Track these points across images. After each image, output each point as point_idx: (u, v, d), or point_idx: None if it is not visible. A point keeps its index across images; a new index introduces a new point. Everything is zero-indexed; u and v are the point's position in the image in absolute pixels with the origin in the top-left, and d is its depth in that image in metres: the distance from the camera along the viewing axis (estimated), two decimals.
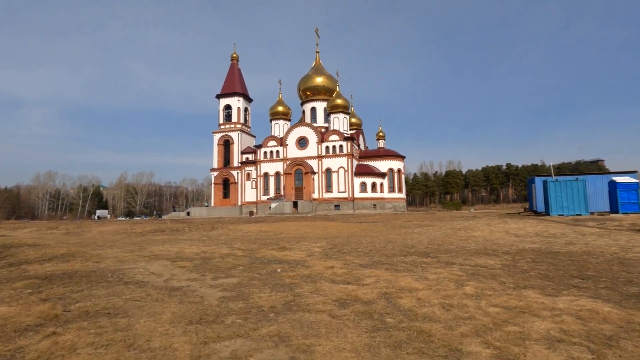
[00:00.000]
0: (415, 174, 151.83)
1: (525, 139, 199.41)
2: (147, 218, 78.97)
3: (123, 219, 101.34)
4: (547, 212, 23.66)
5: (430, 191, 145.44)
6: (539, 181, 26.67)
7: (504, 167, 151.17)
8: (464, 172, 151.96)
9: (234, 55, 72.13)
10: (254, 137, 70.47)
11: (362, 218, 32.30)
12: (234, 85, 68.37)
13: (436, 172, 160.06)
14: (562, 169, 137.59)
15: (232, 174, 64.93)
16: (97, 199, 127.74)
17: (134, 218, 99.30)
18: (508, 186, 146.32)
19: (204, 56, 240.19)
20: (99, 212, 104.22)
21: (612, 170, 27.50)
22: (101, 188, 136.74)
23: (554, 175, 26.54)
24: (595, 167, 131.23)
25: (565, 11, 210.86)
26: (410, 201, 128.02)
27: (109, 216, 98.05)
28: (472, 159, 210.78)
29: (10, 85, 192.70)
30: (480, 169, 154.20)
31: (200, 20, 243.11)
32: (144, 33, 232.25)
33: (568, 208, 22.29)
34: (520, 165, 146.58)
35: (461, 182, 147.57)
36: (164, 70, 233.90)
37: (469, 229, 15.86)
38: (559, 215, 22.48)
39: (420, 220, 26.58)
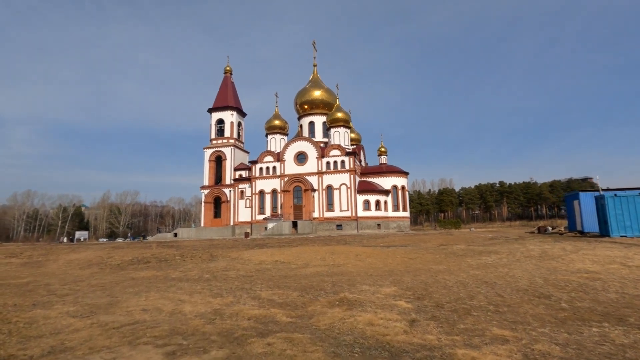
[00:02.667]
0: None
1: (511, 158, 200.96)
2: (135, 240, 72.97)
3: (104, 240, 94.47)
4: (603, 233, 20.28)
5: (425, 209, 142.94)
6: (585, 197, 23.41)
7: (497, 185, 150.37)
8: (457, 190, 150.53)
9: (227, 68, 69.01)
10: (248, 153, 66.48)
11: (378, 240, 28.32)
12: (227, 99, 64.84)
13: (429, 190, 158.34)
14: (555, 187, 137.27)
15: (224, 191, 60.36)
16: (78, 219, 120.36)
17: (117, 240, 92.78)
18: (502, 204, 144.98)
19: (194, 75, 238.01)
20: (78, 234, 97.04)
21: (604, 187, 24.70)
22: (83, 208, 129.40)
23: (601, 190, 23.36)
24: (587, 185, 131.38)
25: (545, 34, 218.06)
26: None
27: (81, 239, 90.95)
28: (461, 177, 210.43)
29: None
30: (473, 187, 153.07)
31: (190, 40, 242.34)
32: (133, 53, 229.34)
33: (632, 228, 18.95)
34: (512, 183, 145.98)
35: (455, 200, 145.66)
36: (151, 89, 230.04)
37: (556, 258, 12.11)
38: (621, 236, 19.11)
39: (452, 243, 22.81)
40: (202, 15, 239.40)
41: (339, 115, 56.82)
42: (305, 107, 63.34)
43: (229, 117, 62.78)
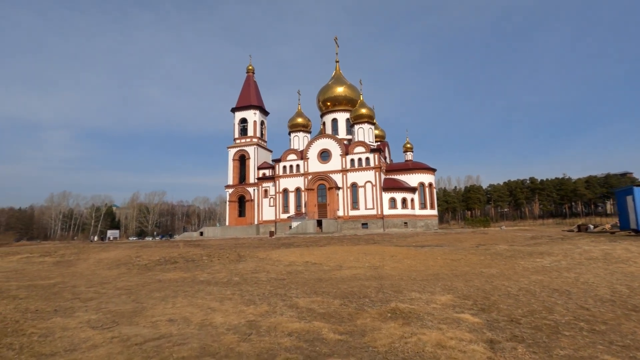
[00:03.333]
0: None
1: (541, 154, 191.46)
2: (163, 238, 74.50)
3: (134, 239, 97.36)
4: None
5: (452, 207, 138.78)
6: None
7: (528, 182, 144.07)
8: (484, 187, 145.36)
9: (250, 67, 69.09)
10: (271, 151, 66.36)
11: (409, 239, 27.04)
12: (250, 98, 64.90)
13: (455, 187, 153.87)
14: (592, 183, 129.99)
15: (248, 190, 60.48)
16: (110, 218, 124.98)
17: (146, 239, 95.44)
18: (534, 201, 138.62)
19: (216, 77, 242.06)
20: (109, 233, 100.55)
21: None
22: (114, 208, 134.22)
23: None
24: (627, 180, 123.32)
25: (576, 23, 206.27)
26: None
27: (111, 237, 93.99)
28: (489, 174, 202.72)
29: (29, 110, 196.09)
30: (502, 183, 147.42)
31: (211, 43, 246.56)
32: (157, 58, 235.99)
33: None
34: (544, 179, 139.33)
35: (483, 198, 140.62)
36: (175, 92, 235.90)
37: (625, 260, 10.63)
38: None
39: (490, 242, 21.28)
40: (222, 18, 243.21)
41: (363, 111, 55.51)
42: (328, 104, 62.42)
43: (252, 116, 62.81)
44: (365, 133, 54.94)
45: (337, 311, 5.86)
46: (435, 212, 55.99)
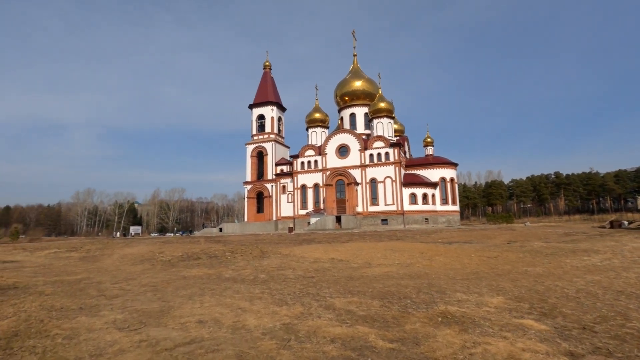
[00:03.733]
0: None
1: (565, 147, 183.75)
2: (184, 234, 75.75)
3: (155, 235, 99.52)
4: None
5: (472, 203, 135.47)
6: None
7: (553, 176, 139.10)
8: (506, 183, 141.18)
9: (267, 63, 68.90)
10: (288, 148, 66.18)
11: (432, 235, 26.17)
12: (267, 94, 64.77)
13: (475, 182, 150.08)
14: (621, 177, 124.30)
15: (266, 187, 60.53)
16: (132, 215, 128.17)
17: (167, 235, 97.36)
18: (559, 197, 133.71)
19: (233, 75, 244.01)
20: (132, 229, 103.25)
21: None
22: (136, 204, 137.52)
23: None
24: None
25: (600, 11, 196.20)
26: None
27: (132, 233, 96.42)
28: (510, 169, 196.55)
29: (55, 111, 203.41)
30: (525, 178, 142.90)
31: (227, 42, 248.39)
32: (175, 57, 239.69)
33: None
34: (570, 174, 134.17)
35: (505, 193, 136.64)
36: (193, 91, 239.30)
37: None
38: None
39: (521, 239, 20.23)
40: (237, 16, 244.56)
41: (382, 105, 54.42)
42: (346, 98, 61.57)
43: (270, 112, 62.67)
44: (384, 127, 53.88)
45: (379, 314, 5.32)
46: (457, 207, 54.49)
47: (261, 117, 63.27)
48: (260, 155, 62.20)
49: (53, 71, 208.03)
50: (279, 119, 64.86)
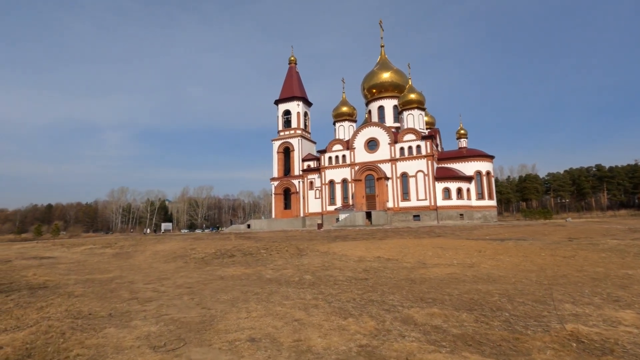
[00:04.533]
0: None
1: (605, 139, 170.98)
2: (213, 231, 76.64)
3: (185, 231, 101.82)
4: None
5: (505, 198, 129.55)
6: None
7: (594, 169, 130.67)
8: (541, 177, 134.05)
9: (292, 58, 68.06)
10: (315, 143, 65.17)
11: (476, 232, 24.29)
12: (293, 89, 63.94)
13: (508, 176, 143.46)
14: None
15: (293, 183, 59.87)
16: (163, 212, 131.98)
17: (196, 231, 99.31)
18: (601, 191, 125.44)
19: (257, 74, 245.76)
20: (163, 226, 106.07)
21: None
22: (166, 202, 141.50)
23: None
24: None
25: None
26: None
27: (162, 230, 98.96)
28: (545, 162, 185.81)
29: (90, 113, 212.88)
30: (562, 172, 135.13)
31: (251, 40, 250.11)
32: (200, 57, 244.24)
33: None
34: (614, 166, 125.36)
35: (541, 188, 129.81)
36: (219, 90, 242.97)
37: None
38: None
39: (581, 236, 18.13)
40: (260, 14, 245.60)
41: (412, 96, 52.16)
42: (374, 91, 59.67)
43: (295, 107, 61.81)
44: (415, 119, 51.65)
45: (479, 332, 4.06)
46: (493, 202, 51.56)
47: (287, 113, 62.56)
48: (286, 151, 61.56)
49: (89, 75, 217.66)
50: (305, 114, 63.90)
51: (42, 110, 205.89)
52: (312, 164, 58.06)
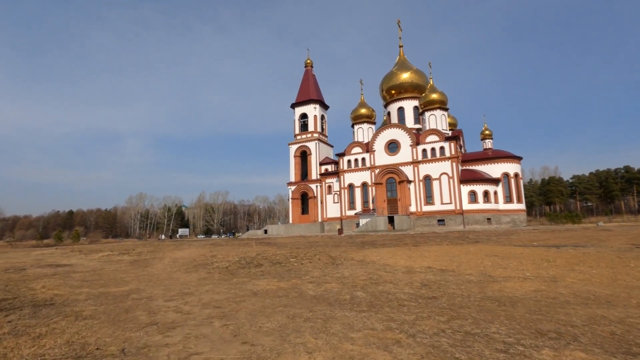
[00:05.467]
0: None
1: (632, 140, 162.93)
2: (231, 236, 75.98)
3: (202, 237, 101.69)
4: None
5: (529, 202, 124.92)
6: None
7: (622, 171, 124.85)
8: (565, 179, 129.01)
9: (308, 61, 67.19)
10: (332, 146, 63.84)
11: (513, 237, 22.30)
12: (310, 92, 62.93)
13: (530, 179, 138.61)
14: None
15: (310, 187, 58.54)
16: (180, 217, 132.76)
17: (212, 237, 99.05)
18: (630, 194, 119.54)
19: (272, 80, 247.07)
20: (180, 231, 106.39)
21: None
22: (183, 208, 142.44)
23: None
24: None
25: None
26: None
27: (178, 235, 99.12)
28: (568, 164, 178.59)
29: (111, 121, 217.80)
30: (587, 174, 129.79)
31: (267, 46, 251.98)
32: (217, 65, 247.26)
33: None
34: None
35: (566, 191, 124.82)
36: (234, 96, 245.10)
37: None
38: None
39: None
40: (275, 21, 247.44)
41: (434, 96, 50.25)
42: (393, 92, 58.01)
43: (312, 110, 60.70)
44: (437, 120, 49.67)
45: None
46: (522, 206, 48.88)
47: (304, 116, 61.51)
48: (303, 155, 60.41)
49: (110, 84, 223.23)
50: (322, 117, 62.70)
51: (65, 119, 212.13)
52: (330, 167, 56.66)
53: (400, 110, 57.59)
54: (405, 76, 57.12)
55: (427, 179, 46.98)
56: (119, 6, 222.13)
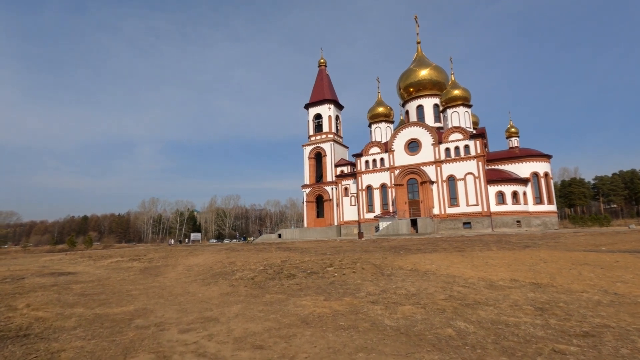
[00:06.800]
0: None
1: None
2: (244, 241, 74.11)
3: (214, 241, 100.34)
4: None
5: None
6: None
7: None
8: (586, 180, 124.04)
9: (322, 60, 65.35)
10: (347, 148, 61.65)
11: (562, 240, 19.76)
12: (324, 92, 60.99)
13: None
14: None
15: (325, 190, 56.37)
16: (192, 222, 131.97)
17: (224, 241, 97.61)
18: None
19: (284, 85, 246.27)
20: (192, 236, 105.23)
21: None
22: (195, 212, 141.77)
23: None
24: None
25: None
26: None
27: (189, 240, 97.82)
28: (587, 166, 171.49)
29: (124, 128, 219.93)
30: (609, 175, 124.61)
31: (278, 53, 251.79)
32: (228, 71, 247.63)
33: None
34: None
35: (588, 192, 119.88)
36: (246, 102, 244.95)
37: None
38: None
39: None
40: (287, 28, 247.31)
41: (456, 92, 47.66)
42: (411, 90, 55.63)
43: (327, 110, 58.71)
44: (460, 117, 47.06)
45: None
46: (554, 207, 45.74)
47: (318, 117, 59.55)
48: (318, 157, 58.35)
49: (124, 93, 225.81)
50: (337, 118, 60.66)
51: (81, 127, 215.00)
52: (346, 169, 54.45)
53: (419, 108, 55.14)
54: (424, 73, 54.73)
55: (451, 180, 44.35)
56: (134, 17, 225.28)
